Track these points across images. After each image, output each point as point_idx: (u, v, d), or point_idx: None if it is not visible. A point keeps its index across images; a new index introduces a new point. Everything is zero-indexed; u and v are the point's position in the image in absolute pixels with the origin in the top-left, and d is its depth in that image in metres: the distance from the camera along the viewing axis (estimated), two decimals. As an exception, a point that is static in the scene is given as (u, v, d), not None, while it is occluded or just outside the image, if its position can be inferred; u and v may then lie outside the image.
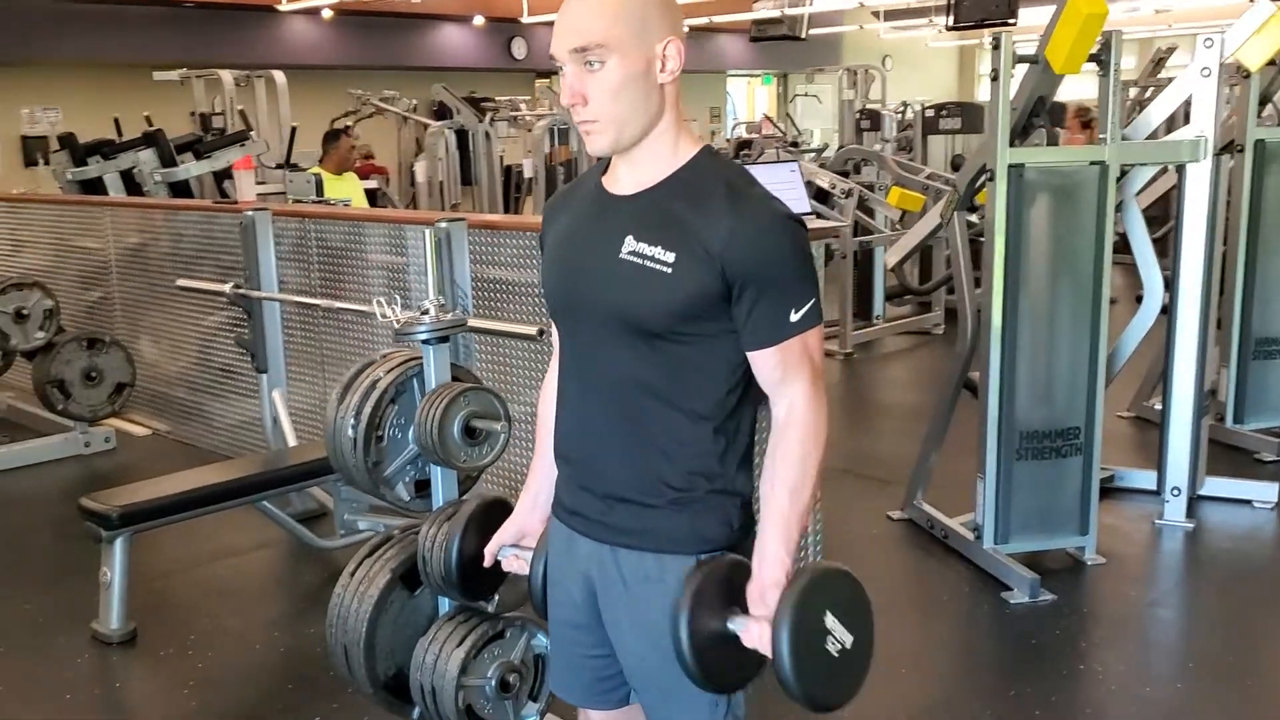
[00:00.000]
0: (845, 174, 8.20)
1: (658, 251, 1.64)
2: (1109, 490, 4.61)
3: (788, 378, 1.67)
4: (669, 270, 1.63)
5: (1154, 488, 4.49)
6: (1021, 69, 3.84)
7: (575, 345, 1.80)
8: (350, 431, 2.57)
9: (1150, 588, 4.03)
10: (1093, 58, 3.77)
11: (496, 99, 11.74)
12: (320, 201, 5.62)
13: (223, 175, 6.72)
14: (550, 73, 17.40)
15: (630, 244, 1.66)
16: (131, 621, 3.60)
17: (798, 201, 3.51)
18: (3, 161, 11.93)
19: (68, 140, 7.10)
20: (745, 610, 1.66)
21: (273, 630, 3.70)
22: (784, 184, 3.52)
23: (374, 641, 2.60)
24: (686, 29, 2.06)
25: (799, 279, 1.64)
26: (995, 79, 3.70)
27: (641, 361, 1.69)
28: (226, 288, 4.42)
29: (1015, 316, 3.82)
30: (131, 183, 6.91)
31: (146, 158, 6.54)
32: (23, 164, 11.86)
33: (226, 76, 9.23)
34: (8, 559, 4.33)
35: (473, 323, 3.75)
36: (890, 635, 3.59)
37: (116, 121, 7.88)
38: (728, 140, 16.63)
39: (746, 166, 4.20)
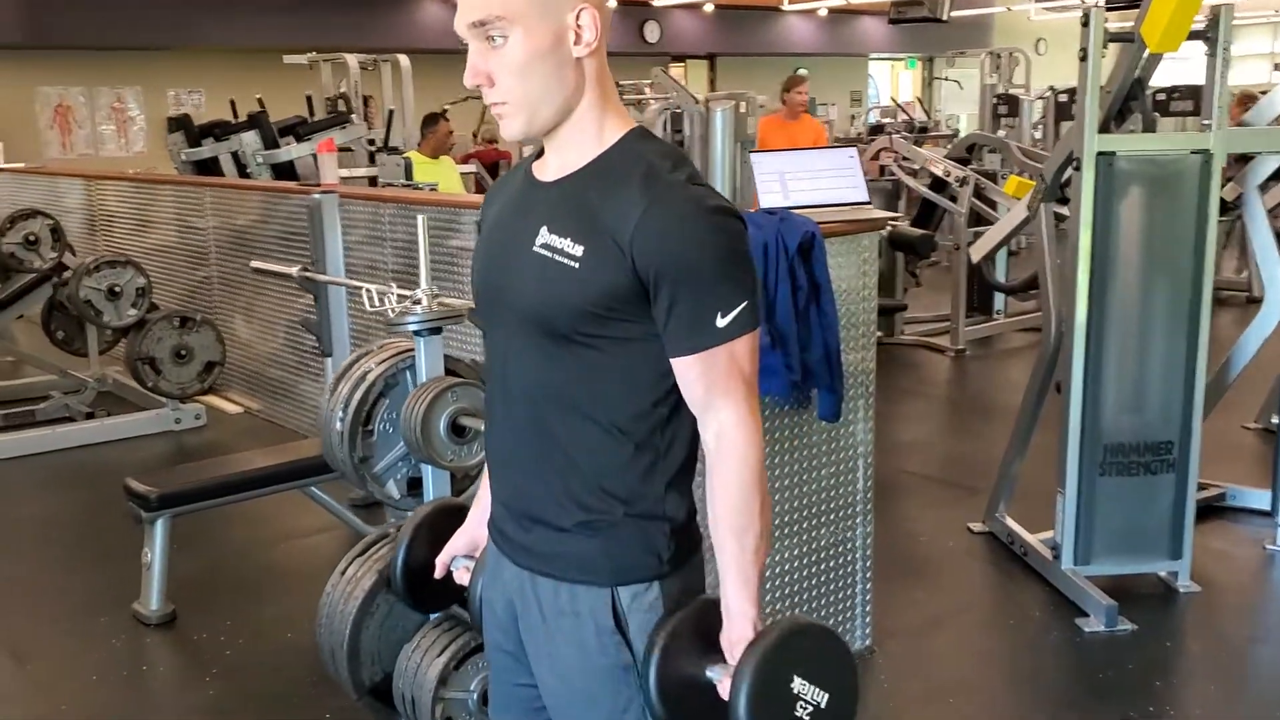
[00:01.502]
0: (965, 161, 7.79)
1: (566, 244, 1.46)
2: (1217, 510, 4.22)
3: (714, 395, 1.47)
4: (575, 265, 1.45)
5: (1268, 509, 4.08)
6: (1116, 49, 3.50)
7: (494, 347, 1.63)
8: (339, 425, 2.47)
9: (1250, 622, 3.64)
10: (1198, 35, 3.41)
11: (621, 83, 11.65)
12: (408, 185, 5.58)
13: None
14: (685, 57, 17.25)
15: (543, 235, 1.49)
16: (171, 603, 3.60)
17: (853, 189, 3.25)
18: (152, 141, 12.39)
19: (183, 122, 7.26)
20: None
21: (306, 621, 3.63)
22: (840, 170, 3.28)
23: (358, 645, 2.50)
24: (825, 10, 1.84)
25: (724, 278, 1.44)
26: (1084, 59, 3.38)
27: (553, 366, 1.52)
28: (294, 271, 4.39)
29: (1102, 317, 3.49)
30: (242, 164, 7.03)
31: (250, 140, 6.64)
32: (187, 143, 12.32)
33: (351, 60, 9.35)
34: (79, 533, 4.41)
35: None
36: (946, 657, 3.35)
37: (233, 104, 8.06)
38: (863, 125, 16.27)
39: (806, 150, 3.98)
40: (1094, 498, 3.57)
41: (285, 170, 6.55)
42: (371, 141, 7.73)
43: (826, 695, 1.48)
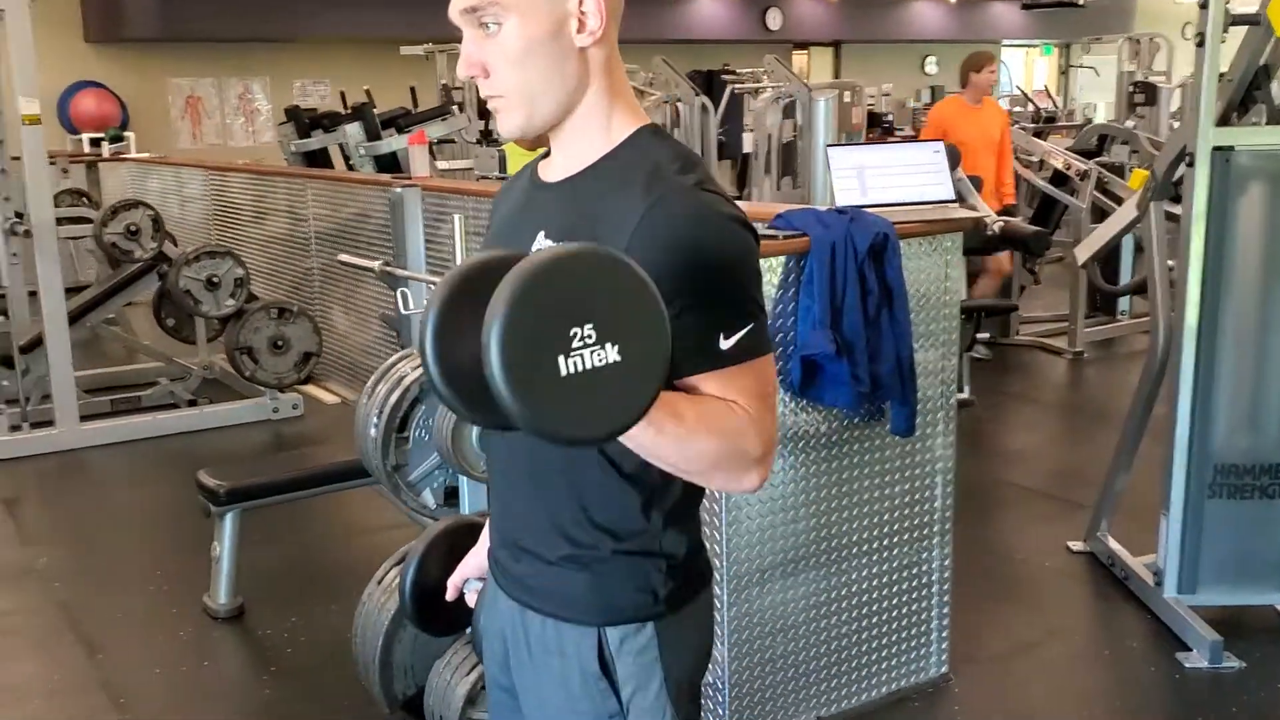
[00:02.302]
0: (1093, 153, 7.40)
1: None
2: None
3: (723, 394, 1.28)
4: None
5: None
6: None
7: None
8: (373, 430, 2.39)
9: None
10: (1332, 17, 3.09)
11: (738, 71, 11.46)
12: (502, 177, 5.53)
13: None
14: (808, 44, 16.92)
15: (539, 241, 1.37)
16: (239, 597, 3.60)
17: (938, 186, 3.05)
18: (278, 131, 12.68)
19: (294, 113, 7.36)
20: None
21: (370, 619, 3.61)
22: (925, 165, 3.07)
23: (390, 658, 2.43)
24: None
25: (730, 294, 1.29)
26: (1201, 44, 3.10)
27: None
28: (375, 265, 4.36)
29: (1215, 326, 3.21)
30: (348, 156, 7.08)
31: (353, 131, 6.68)
32: (298, 134, 12.59)
33: (466, 51, 9.39)
34: (166, 521, 4.47)
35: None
36: (1029, 688, 3.13)
37: (343, 95, 8.15)
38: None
39: (897, 143, 3.78)
40: (1202, 521, 3.29)
41: (387, 162, 6.57)
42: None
43: (617, 352, 1.09)
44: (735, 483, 1.33)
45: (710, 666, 2.72)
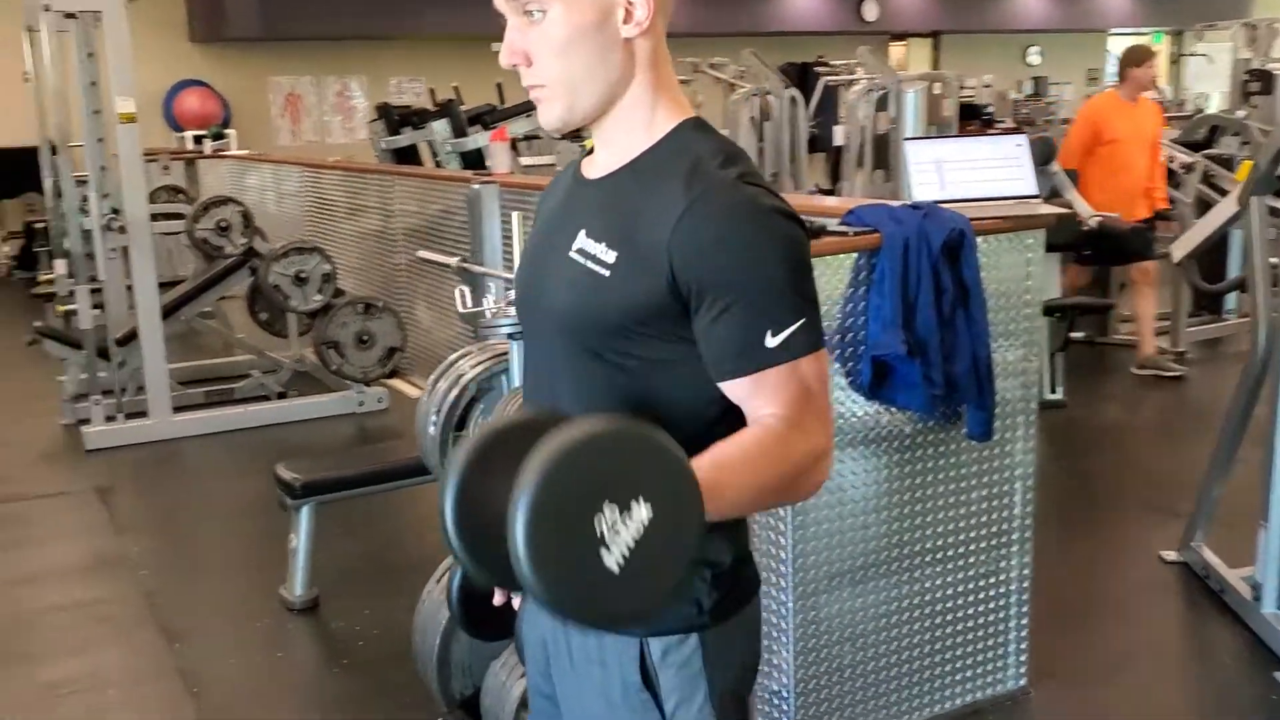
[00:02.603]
0: (1203, 145, 7.10)
1: (601, 249, 1.30)
2: None
3: (770, 403, 1.25)
4: (607, 273, 1.29)
5: None
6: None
7: (529, 361, 1.49)
8: (431, 429, 2.37)
9: None
10: None
11: (832, 63, 11.33)
12: (584, 173, 5.51)
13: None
14: (906, 35, 16.61)
15: (580, 239, 1.33)
16: (315, 589, 3.63)
17: (1020, 181, 2.93)
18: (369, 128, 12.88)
19: (384, 110, 7.44)
20: None
21: (442, 615, 3.62)
22: (1007, 159, 2.95)
23: (449, 656, 2.42)
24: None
25: (776, 291, 1.24)
26: (1305, 29, 2.93)
27: (586, 385, 1.35)
28: (453, 261, 4.37)
29: (1320, 329, 3.04)
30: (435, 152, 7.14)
31: (439, 128, 6.73)
32: (387, 131, 12.78)
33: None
34: (250, 512, 4.54)
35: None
36: (1113, 706, 3.01)
37: (432, 92, 8.22)
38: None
39: (967, 138, 3.64)
40: (1304, 534, 3.12)
41: (473, 158, 6.60)
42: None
43: (649, 505, 1.06)
44: (804, 494, 1.32)
45: (775, 674, 2.68)
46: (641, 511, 1.06)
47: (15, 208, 10.83)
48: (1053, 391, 5.50)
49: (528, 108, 7.02)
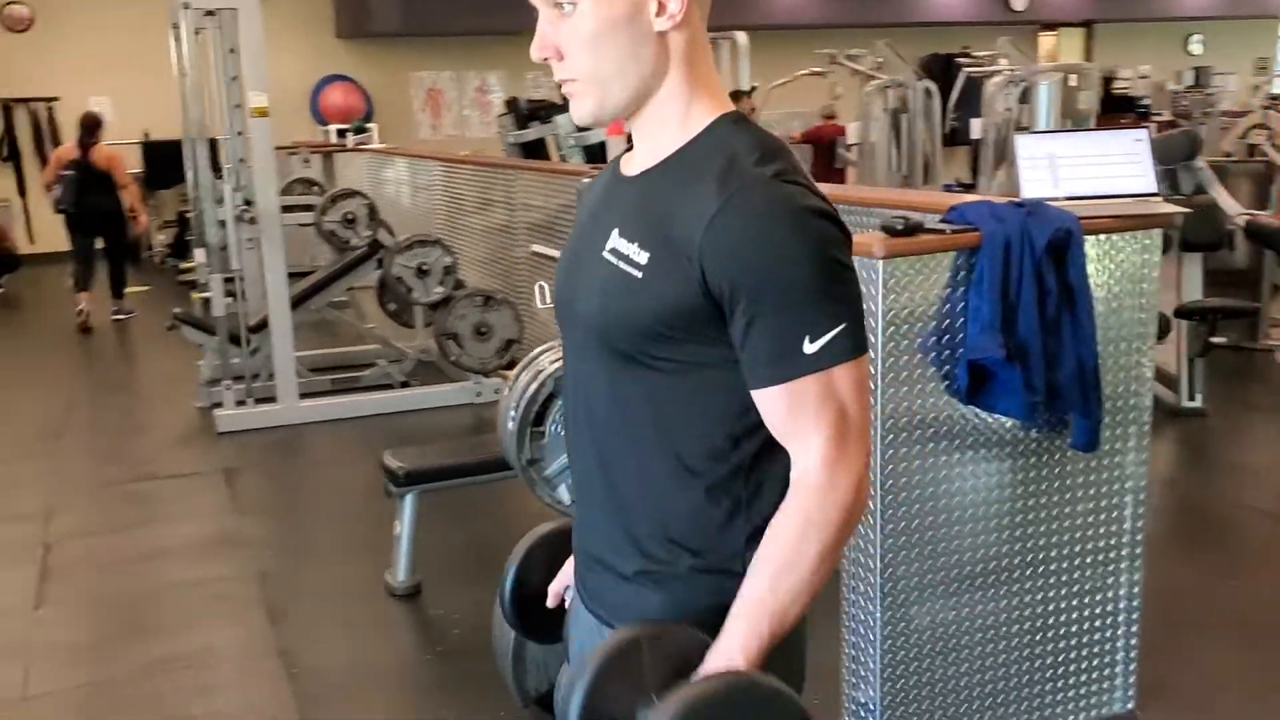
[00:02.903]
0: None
1: (633, 250, 1.27)
2: None
3: (802, 426, 1.23)
4: (639, 275, 1.25)
5: None
6: None
7: (569, 363, 1.47)
8: (510, 423, 2.37)
9: None
10: None
11: (976, 54, 11.00)
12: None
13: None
14: (1057, 25, 16.04)
15: (613, 239, 1.30)
16: (418, 576, 3.69)
17: (1138, 178, 2.77)
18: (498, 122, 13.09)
19: (512, 104, 7.53)
20: None
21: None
22: (1125, 155, 2.79)
23: (523, 653, 2.39)
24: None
25: (814, 294, 1.19)
26: None
27: (618, 390, 1.33)
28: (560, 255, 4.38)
29: None
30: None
31: (563, 122, 6.76)
32: (515, 126, 12.96)
33: (685, 39, 9.40)
34: (363, 498, 4.64)
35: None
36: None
37: (560, 85, 8.24)
38: (1271, 96, 14.44)
39: (1090, 131, 3.46)
40: None
41: (596, 152, 6.62)
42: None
43: None
44: (857, 521, 1.27)
45: (862, 685, 2.60)
46: None
47: (171, 198, 11.33)
48: (1191, 399, 5.23)
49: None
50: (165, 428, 5.84)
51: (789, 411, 1.22)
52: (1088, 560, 2.76)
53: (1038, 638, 2.74)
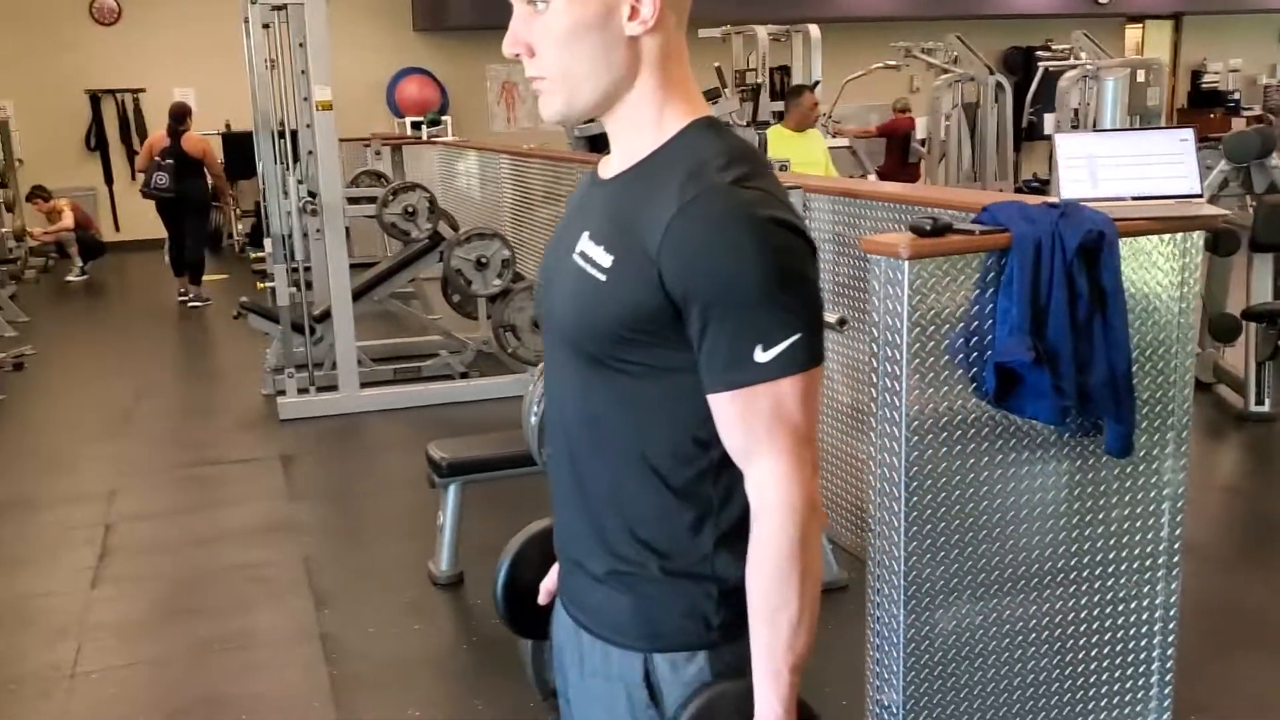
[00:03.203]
0: None
1: (599, 253, 1.28)
2: None
3: (754, 443, 1.23)
4: (603, 278, 1.26)
5: None
6: None
7: (547, 363, 1.48)
8: (533, 419, 2.40)
9: None
10: None
11: (1057, 47, 10.83)
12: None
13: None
14: (1144, 17, 15.63)
15: (583, 242, 1.31)
16: (460, 566, 3.74)
17: (1181, 179, 2.69)
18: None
19: (577, 98, 7.54)
20: None
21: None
22: (1169, 156, 2.72)
23: (542, 646, 2.42)
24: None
25: (767, 303, 1.19)
26: None
27: (587, 391, 1.34)
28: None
29: None
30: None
31: (623, 115, 6.75)
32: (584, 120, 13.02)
33: (761, 32, 9.36)
34: (414, 488, 4.69)
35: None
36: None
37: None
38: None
39: (1123, 132, 3.37)
40: None
41: (601, 144, 6.61)
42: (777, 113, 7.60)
43: None
44: (818, 519, 1.27)
45: (885, 688, 2.58)
46: None
47: (249, 187, 11.59)
48: (1259, 403, 5.08)
49: (713, 95, 7.00)
50: (230, 413, 5.99)
51: (740, 419, 1.22)
52: (1122, 568, 2.70)
53: (1068, 645, 2.69)
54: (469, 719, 2.99)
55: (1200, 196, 2.69)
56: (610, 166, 1.35)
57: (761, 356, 1.19)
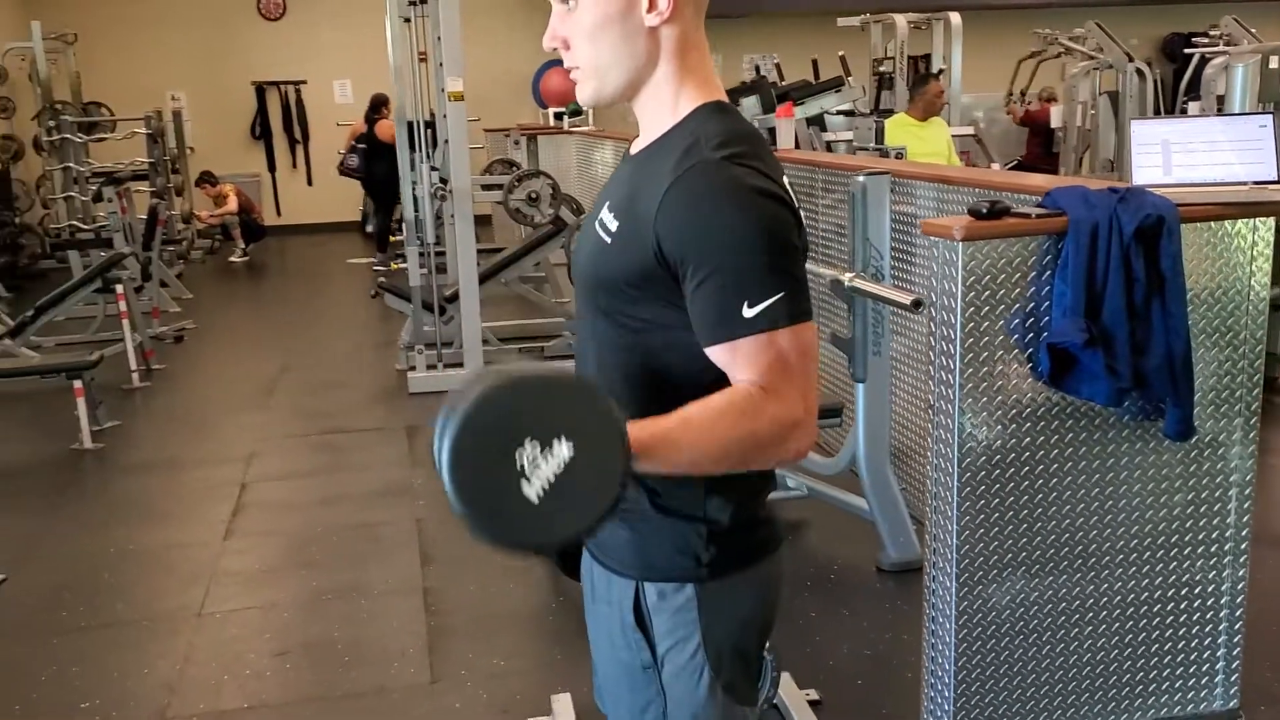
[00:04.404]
0: None
1: (610, 219, 1.44)
2: None
3: (742, 371, 1.33)
4: (610, 240, 1.42)
5: None
6: None
7: (576, 321, 1.65)
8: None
9: None
10: None
11: (1212, 34, 10.39)
12: (876, 150, 5.49)
13: (811, 122, 6.81)
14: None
15: (603, 212, 1.48)
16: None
17: (1259, 165, 2.67)
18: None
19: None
20: None
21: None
22: (1246, 141, 2.70)
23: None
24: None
25: (751, 266, 1.31)
26: None
27: (600, 340, 1.50)
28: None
29: None
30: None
31: (749, 104, 6.84)
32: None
33: (900, 20, 9.32)
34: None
35: (855, 283, 3.49)
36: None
37: (758, 68, 8.36)
38: None
39: (1199, 118, 3.28)
40: None
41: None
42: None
43: (570, 444, 1.17)
44: (777, 459, 1.37)
45: (938, 659, 2.66)
46: (563, 449, 1.18)
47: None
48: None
49: (836, 84, 7.03)
50: (365, 385, 6.34)
51: (733, 363, 1.34)
52: (1185, 552, 2.71)
53: (1128, 627, 2.72)
54: (548, 668, 3.18)
55: (1278, 183, 2.68)
56: (638, 144, 1.50)
57: (748, 312, 1.30)
